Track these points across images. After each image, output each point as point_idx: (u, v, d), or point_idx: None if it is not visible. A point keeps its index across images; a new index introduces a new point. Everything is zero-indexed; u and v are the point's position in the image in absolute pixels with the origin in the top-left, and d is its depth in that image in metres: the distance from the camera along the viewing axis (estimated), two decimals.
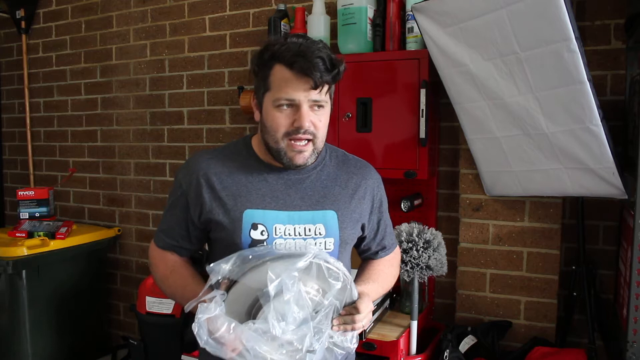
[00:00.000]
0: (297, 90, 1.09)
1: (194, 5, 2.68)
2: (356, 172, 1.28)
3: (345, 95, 2.02)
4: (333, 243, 1.20)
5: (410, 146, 1.94)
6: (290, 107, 1.11)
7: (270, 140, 1.16)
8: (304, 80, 1.08)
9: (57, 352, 2.60)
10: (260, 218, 1.16)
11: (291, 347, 1.02)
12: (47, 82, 3.22)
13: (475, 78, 1.71)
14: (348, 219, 1.23)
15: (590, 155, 1.57)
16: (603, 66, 1.87)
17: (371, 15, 2.02)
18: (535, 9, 1.47)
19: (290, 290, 1.00)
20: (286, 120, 1.12)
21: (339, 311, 1.08)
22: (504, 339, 1.93)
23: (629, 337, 1.48)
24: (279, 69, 1.10)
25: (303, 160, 1.15)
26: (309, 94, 1.10)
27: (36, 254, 2.45)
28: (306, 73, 1.07)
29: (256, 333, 0.99)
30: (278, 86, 1.11)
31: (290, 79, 1.09)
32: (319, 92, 1.11)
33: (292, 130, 1.12)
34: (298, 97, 1.10)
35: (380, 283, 1.29)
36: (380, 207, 1.34)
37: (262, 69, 1.14)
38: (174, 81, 2.77)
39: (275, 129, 1.13)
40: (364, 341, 1.75)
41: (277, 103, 1.12)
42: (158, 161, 2.86)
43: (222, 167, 1.20)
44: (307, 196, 1.20)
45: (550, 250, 1.91)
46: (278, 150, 1.15)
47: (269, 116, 1.14)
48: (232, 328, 0.99)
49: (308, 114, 1.11)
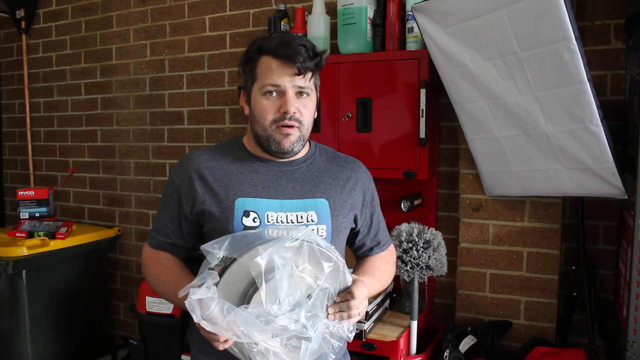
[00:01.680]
0: (281, 76, 1.15)
1: (194, 5, 2.68)
2: (346, 166, 1.32)
3: (345, 95, 2.02)
4: (325, 230, 1.22)
5: (410, 146, 1.94)
6: (276, 95, 1.17)
7: (258, 128, 1.20)
8: (288, 66, 1.15)
9: (57, 352, 2.60)
10: (252, 206, 1.18)
11: (286, 334, 1.00)
12: (47, 82, 3.22)
13: (475, 78, 1.71)
14: (340, 207, 1.25)
15: (590, 155, 1.57)
16: (603, 66, 1.87)
17: (371, 15, 2.02)
18: (535, 9, 1.47)
19: (282, 270, 0.99)
20: (273, 107, 1.17)
21: (333, 298, 1.07)
22: (504, 339, 1.93)
23: (629, 337, 1.48)
24: (265, 59, 1.17)
25: (289, 144, 1.19)
26: (293, 79, 1.16)
27: (36, 254, 2.45)
28: (290, 59, 1.14)
29: (251, 316, 0.97)
30: (264, 74, 1.17)
31: (276, 66, 1.15)
32: (302, 78, 1.16)
33: (279, 117, 1.17)
34: (283, 83, 1.15)
35: (377, 278, 1.29)
36: (372, 201, 1.36)
37: (250, 63, 1.20)
38: (174, 81, 2.77)
39: (263, 116, 1.18)
40: (364, 341, 1.76)
41: (263, 90, 1.17)
42: (158, 161, 2.86)
43: (215, 162, 1.24)
44: (298, 186, 1.23)
45: (550, 250, 1.91)
46: (267, 137, 1.19)
47: (257, 105, 1.19)
48: (225, 310, 0.97)
49: (293, 99, 1.16)
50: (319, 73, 1.24)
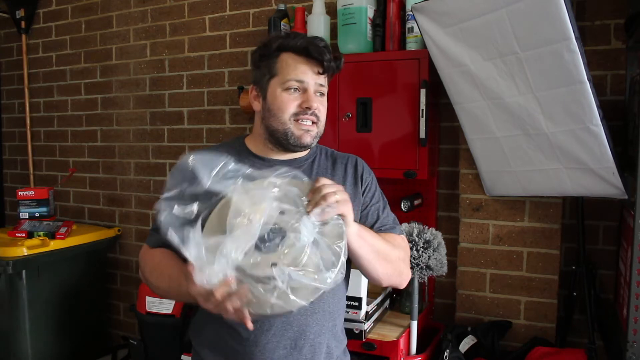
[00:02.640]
0: (306, 73, 1.17)
1: (194, 5, 2.68)
2: (344, 161, 1.33)
3: (345, 95, 2.02)
4: None
5: (410, 146, 1.94)
6: (299, 91, 1.18)
7: (275, 122, 1.20)
8: (313, 63, 1.17)
9: (57, 352, 2.60)
10: None
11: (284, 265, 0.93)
12: (47, 82, 3.22)
13: (475, 78, 1.71)
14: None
15: (590, 155, 1.57)
16: (603, 66, 1.87)
17: (371, 15, 2.02)
18: (535, 8, 1.47)
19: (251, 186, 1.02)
20: (294, 102, 1.18)
21: (302, 199, 1.02)
22: (504, 339, 1.93)
23: (629, 337, 1.48)
24: (286, 56, 1.19)
25: (310, 139, 1.20)
26: (317, 77, 1.18)
27: (36, 254, 2.45)
28: (317, 57, 1.16)
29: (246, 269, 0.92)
30: (287, 69, 1.18)
31: (301, 62, 1.18)
32: (324, 77, 1.20)
33: (300, 111, 1.18)
34: (307, 79, 1.18)
35: (379, 238, 1.19)
36: (375, 191, 1.32)
37: (268, 59, 1.21)
38: (174, 81, 2.77)
39: (283, 109, 1.18)
40: (364, 341, 1.76)
41: (286, 85, 1.18)
42: (158, 161, 2.86)
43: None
44: None
45: (550, 250, 1.90)
46: (285, 131, 1.19)
47: (277, 99, 1.19)
48: (230, 277, 0.92)
49: (315, 96, 1.19)
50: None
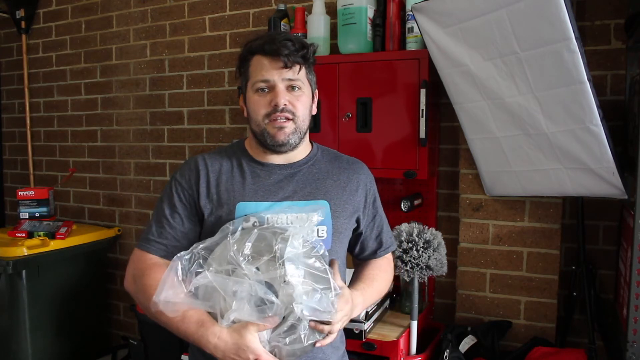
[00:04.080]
0: (270, 71, 1.18)
1: (194, 5, 2.68)
2: (347, 168, 1.32)
3: (345, 95, 2.02)
4: (326, 231, 1.22)
5: (410, 146, 1.94)
6: (267, 90, 1.19)
7: (254, 125, 1.22)
8: (275, 60, 1.18)
9: (57, 352, 2.60)
10: (252, 210, 1.19)
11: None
12: (47, 82, 3.22)
13: (475, 78, 1.71)
14: (341, 209, 1.25)
15: (590, 155, 1.57)
16: (603, 66, 1.87)
17: (371, 15, 2.02)
18: (535, 9, 1.47)
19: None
20: (265, 102, 1.19)
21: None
22: (504, 339, 1.93)
23: (629, 337, 1.48)
24: (255, 58, 1.21)
25: (284, 136, 1.19)
26: (281, 73, 1.18)
27: (36, 254, 2.45)
28: (276, 53, 1.17)
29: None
30: (254, 72, 1.20)
31: (265, 62, 1.19)
32: (291, 71, 1.19)
33: (271, 111, 1.19)
34: (272, 77, 1.18)
35: (375, 288, 1.30)
36: (374, 202, 1.36)
37: (243, 64, 1.24)
38: (174, 81, 2.77)
39: (256, 111, 1.20)
40: (364, 341, 1.76)
41: (255, 87, 1.20)
42: (158, 161, 2.86)
43: (218, 166, 1.25)
44: (299, 188, 1.24)
45: (550, 250, 1.91)
46: (261, 132, 1.21)
47: (251, 102, 1.22)
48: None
49: (284, 92, 1.19)
50: (313, 68, 1.26)
